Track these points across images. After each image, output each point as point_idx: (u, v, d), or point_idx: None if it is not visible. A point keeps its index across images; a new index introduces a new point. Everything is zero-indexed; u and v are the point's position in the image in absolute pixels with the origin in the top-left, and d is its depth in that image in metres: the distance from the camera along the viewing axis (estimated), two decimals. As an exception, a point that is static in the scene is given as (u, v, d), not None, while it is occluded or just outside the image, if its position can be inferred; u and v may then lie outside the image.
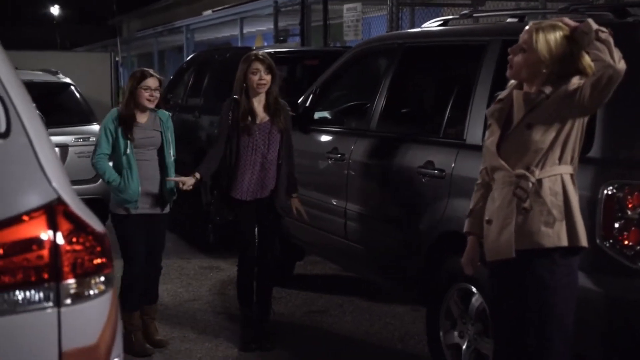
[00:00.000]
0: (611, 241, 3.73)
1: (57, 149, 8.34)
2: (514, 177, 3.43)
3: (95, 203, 8.18)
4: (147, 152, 5.35)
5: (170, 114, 5.60)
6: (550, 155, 3.41)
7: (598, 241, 3.74)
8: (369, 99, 5.67)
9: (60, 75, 9.53)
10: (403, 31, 8.15)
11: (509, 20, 4.84)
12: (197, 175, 5.32)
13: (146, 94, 5.28)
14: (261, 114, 5.34)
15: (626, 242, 3.73)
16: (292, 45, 14.56)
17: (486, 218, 3.55)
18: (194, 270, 7.49)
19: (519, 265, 3.44)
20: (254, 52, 5.41)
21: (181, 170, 5.61)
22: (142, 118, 5.36)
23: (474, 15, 5.31)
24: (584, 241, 3.42)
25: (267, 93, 5.34)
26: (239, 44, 19.51)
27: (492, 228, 3.50)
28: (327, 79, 6.34)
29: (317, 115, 6.47)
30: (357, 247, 5.55)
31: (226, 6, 20.62)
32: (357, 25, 12.47)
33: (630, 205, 3.73)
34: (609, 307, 3.78)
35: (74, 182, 7.68)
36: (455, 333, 4.61)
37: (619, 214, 3.72)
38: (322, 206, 5.91)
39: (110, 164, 5.34)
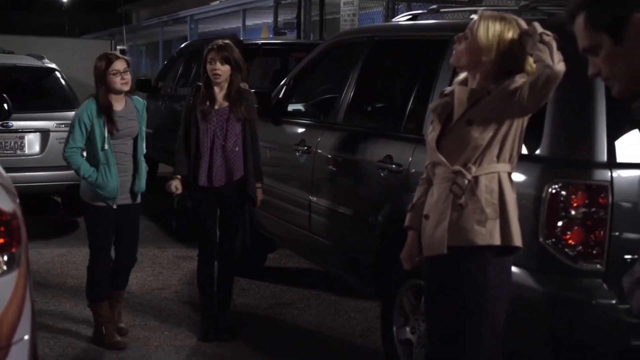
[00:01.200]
0: (554, 240, 3.73)
1: (38, 134, 8.41)
2: (451, 173, 3.45)
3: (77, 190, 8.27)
4: (125, 144, 5.27)
5: (145, 102, 5.53)
6: (488, 153, 3.41)
7: (541, 239, 3.75)
8: (338, 92, 5.69)
9: (46, 60, 9.56)
10: (373, 25, 8.15)
11: (472, 16, 4.83)
12: (178, 177, 5.36)
13: (117, 79, 5.16)
14: (220, 101, 5.34)
15: (569, 242, 3.74)
16: (289, 38, 14.57)
17: (424, 213, 3.56)
18: (167, 260, 7.53)
19: (452, 262, 3.45)
20: (216, 41, 5.41)
21: (170, 160, 5.56)
22: (118, 105, 5.24)
23: (442, 10, 5.30)
24: (517, 241, 3.42)
25: (230, 83, 5.34)
26: (241, 36, 19.55)
27: (428, 223, 3.51)
28: (300, 72, 6.36)
29: (292, 107, 6.49)
30: (320, 240, 5.57)
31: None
32: (353, 20, 12.47)
33: (574, 205, 3.73)
34: (551, 306, 3.79)
35: (55, 168, 7.70)
36: (408, 329, 4.63)
37: (563, 213, 3.72)
38: (289, 198, 5.93)
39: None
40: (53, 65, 9.34)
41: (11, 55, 10.18)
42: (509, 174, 3.46)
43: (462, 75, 3.59)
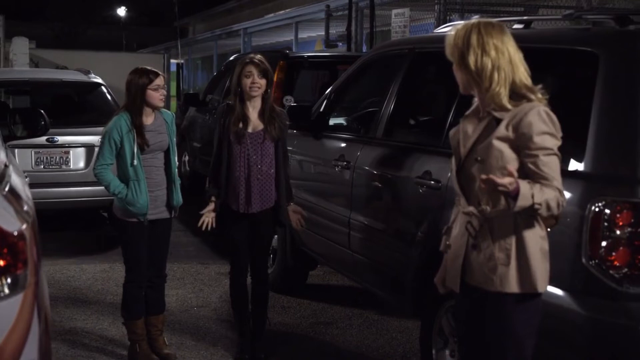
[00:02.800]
0: (597, 261, 3.55)
1: (83, 149, 8.46)
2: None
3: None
4: (156, 158, 5.18)
5: (173, 114, 5.45)
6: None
7: (584, 260, 3.58)
8: (378, 105, 5.58)
9: (92, 75, 9.62)
10: (414, 36, 8.00)
11: (515, 26, 4.69)
12: (213, 199, 5.21)
13: (157, 94, 5.11)
14: (255, 121, 5.15)
15: (614, 263, 3.55)
16: (341, 50, 14.49)
17: (447, 242, 3.43)
18: (209, 276, 7.47)
19: (470, 301, 3.33)
20: (250, 55, 5.32)
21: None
22: (148, 119, 5.17)
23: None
24: (541, 287, 3.23)
25: (263, 99, 5.22)
26: (294, 49, 19.55)
27: (449, 255, 3.39)
28: (342, 85, 6.26)
29: (333, 121, 6.39)
30: (359, 258, 5.45)
31: (287, 11, 20.68)
32: (404, 31, 12.32)
33: (619, 224, 3.54)
34: (593, 331, 3.61)
35: (99, 183, 7.65)
36: (447, 352, 4.48)
37: (607, 233, 3.54)
38: (329, 215, 5.83)
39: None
40: (99, 80, 9.40)
41: (58, 70, 10.29)
42: (532, 215, 3.26)
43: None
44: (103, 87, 9.21)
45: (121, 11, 42.26)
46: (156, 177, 5.18)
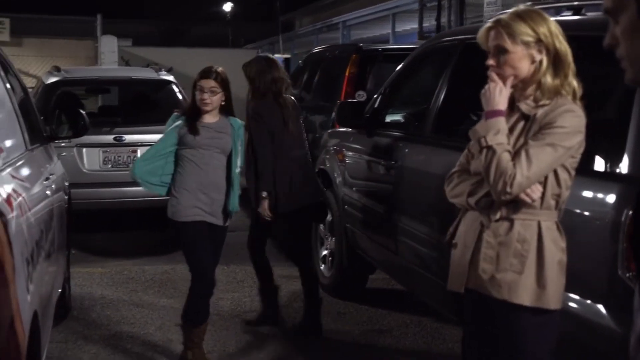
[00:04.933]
0: (635, 273, 3.26)
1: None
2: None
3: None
4: (214, 157, 5.07)
5: (243, 123, 5.30)
6: None
7: (620, 272, 3.28)
8: (427, 101, 5.35)
9: (162, 72, 9.67)
10: (465, 26, 7.67)
11: (563, 13, 4.39)
12: (264, 194, 5.52)
13: (198, 96, 5.02)
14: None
15: (653, 275, 3.25)
16: (418, 43, 14.20)
17: (454, 240, 3.20)
18: (270, 279, 7.37)
19: (476, 305, 3.09)
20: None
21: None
22: (211, 118, 5.11)
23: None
24: (554, 303, 2.99)
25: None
26: (391, 42, 19.34)
27: (455, 252, 3.15)
28: (396, 79, 6.06)
29: (390, 118, 6.20)
30: (407, 264, 5.24)
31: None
32: (497, 21, 11.96)
33: (660, 231, 3.24)
34: (629, 350, 3.31)
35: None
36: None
37: (646, 241, 3.24)
38: (378, 217, 5.65)
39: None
40: (169, 78, 9.43)
41: (129, 68, 10.42)
42: (557, 223, 3.03)
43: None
44: (173, 85, 9.22)
45: (227, 6, 42.85)
46: (214, 178, 5.07)
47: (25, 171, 3.87)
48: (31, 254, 3.34)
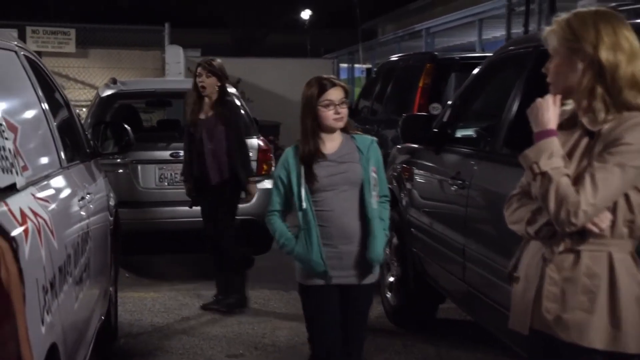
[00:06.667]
0: None
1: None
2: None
3: (248, 225, 8.23)
4: (339, 196, 4.28)
5: (374, 139, 4.47)
6: None
7: None
8: (499, 114, 5.17)
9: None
10: (539, 31, 7.42)
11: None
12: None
13: (329, 112, 4.27)
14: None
15: None
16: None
17: (515, 273, 3.02)
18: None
19: (547, 347, 2.91)
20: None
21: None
22: (331, 145, 4.34)
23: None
24: (634, 347, 2.78)
25: None
26: (477, 49, 19.08)
27: (517, 288, 2.98)
28: (466, 90, 5.90)
29: (460, 133, 6.03)
30: (476, 293, 5.06)
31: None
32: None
33: None
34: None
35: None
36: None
37: None
38: (445, 241, 5.49)
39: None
40: (232, 90, 9.37)
41: (174, 80, 10.42)
42: (631, 253, 2.83)
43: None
44: (236, 99, 9.14)
45: (305, 14, 43.02)
46: (341, 224, 4.29)
47: (52, 191, 3.83)
48: (51, 281, 3.28)
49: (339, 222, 4.27)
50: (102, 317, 5.23)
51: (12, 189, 3.15)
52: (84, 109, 13.21)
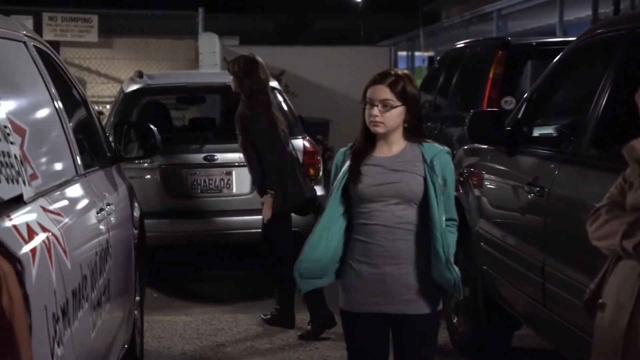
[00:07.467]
0: None
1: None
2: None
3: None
4: (388, 209, 4.13)
5: (445, 150, 4.23)
6: None
7: None
8: (584, 110, 5.06)
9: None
10: (634, 12, 7.27)
11: None
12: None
13: (368, 112, 4.13)
14: None
15: None
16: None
17: (600, 300, 2.92)
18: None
19: None
20: None
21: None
22: (387, 149, 4.20)
23: None
24: None
25: None
26: (558, 33, 18.91)
27: (604, 317, 2.87)
28: (545, 82, 5.80)
29: (538, 131, 5.93)
30: (558, 320, 4.94)
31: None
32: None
33: None
34: None
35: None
36: None
37: None
38: (520, 258, 5.39)
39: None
40: (273, 84, 9.33)
41: (209, 72, 10.38)
42: None
43: None
44: (277, 93, 9.06)
45: (359, -4, 43.12)
46: (387, 244, 4.13)
47: (65, 202, 3.81)
48: (63, 308, 3.25)
49: (384, 240, 4.13)
50: (126, 346, 5.22)
51: (18, 201, 3.13)
52: (107, 106, 13.29)
